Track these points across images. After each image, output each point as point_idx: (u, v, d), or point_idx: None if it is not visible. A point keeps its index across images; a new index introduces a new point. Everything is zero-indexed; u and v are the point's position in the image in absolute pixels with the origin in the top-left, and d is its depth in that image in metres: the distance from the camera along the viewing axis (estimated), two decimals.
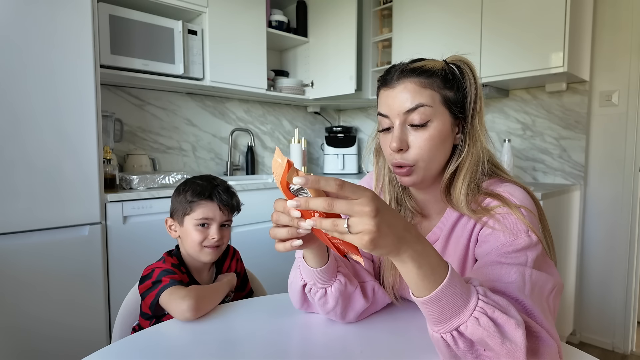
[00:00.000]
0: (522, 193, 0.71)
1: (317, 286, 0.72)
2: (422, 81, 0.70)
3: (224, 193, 1.05)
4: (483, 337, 0.51)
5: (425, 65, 0.72)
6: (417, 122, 0.70)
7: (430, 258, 0.51)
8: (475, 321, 0.51)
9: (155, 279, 0.93)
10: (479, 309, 0.51)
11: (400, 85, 0.71)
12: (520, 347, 0.50)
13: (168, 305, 0.87)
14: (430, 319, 0.53)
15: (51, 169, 1.52)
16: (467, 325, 0.51)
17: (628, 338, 2.16)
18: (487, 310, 0.51)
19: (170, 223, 1.07)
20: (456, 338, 0.52)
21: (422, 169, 0.72)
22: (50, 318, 1.53)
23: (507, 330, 0.51)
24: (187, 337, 0.76)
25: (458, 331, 0.52)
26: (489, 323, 0.50)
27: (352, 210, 0.46)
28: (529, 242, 0.64)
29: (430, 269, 0.51)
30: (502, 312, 0.51)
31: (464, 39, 2.18)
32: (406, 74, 0.71)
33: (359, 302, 0.76)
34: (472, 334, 0.51)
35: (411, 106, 0.69)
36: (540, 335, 0.55)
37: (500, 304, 0.52)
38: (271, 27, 2.62)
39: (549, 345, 0.54)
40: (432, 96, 0.70)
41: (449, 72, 0.71)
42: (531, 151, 2.36)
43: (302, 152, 2.82)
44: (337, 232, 0.47)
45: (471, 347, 0.53)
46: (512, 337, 0.51)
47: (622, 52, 2.07)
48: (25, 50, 1.46)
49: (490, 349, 0.51)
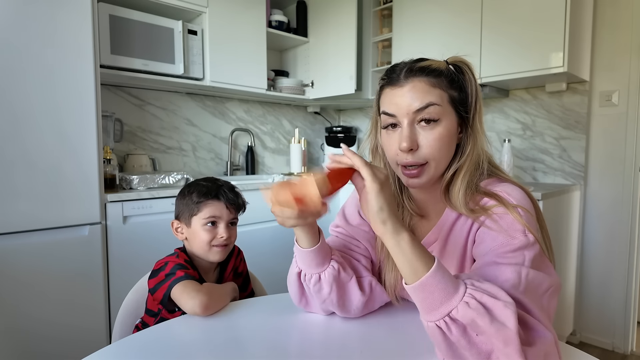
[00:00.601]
0: (519, 193, 0.71)
1: (310, 271, 0.73)
2: (432, 80, 0.70)
3: (230, 192, 1.06)
4: (473, 317, 0.53)
5: (432, 65, 0.71)
6: (427, 120, 0.69)
7: (420, 246, 0.58)
8: (465, 305, 0.53)
9: (168, 271, 0.94)
10: (467, 294, 0.54)
11: (409, 84, 0.70)
12: (509, 326, 0.52)
13: (180, 298, 0.87)
14: (423, 307, 0.56)
15: (51, 169, 1.52)
16: (458, 309, 0.53)
17: (628, 338, 2.16)
18: (476, 295, 0.54)
19: (177, 225, 1.07)
20: (449, 324, 0.54)
21: (432, 169, 0.71)
22: (51, 318, 1.53)
23: (495, 311, 0.53)
24: (187, 336, 0.76)
25: (450, 317, 0.54)
26: (478, 305, 0.53)
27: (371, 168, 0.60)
28: (525, 242, 0.64)
29: (420, 252, 0.57)
30: (490, 296, 0.54)
31: (464, 39, 2.18)
32: (415, 73, 0.70)
33: (355, 294, 0.76)
34: (463, 317, 0.53)
35: (421, 105, 0.69)
36: (536, 327, 0.55)
37: (488, 290, 0.55)
38: (271, 27, 2.62)
39: (544, 336, 0.55)
40: (441, 95, 0.70)
41: (453, 72, 0.72)
42: (531, 151, 2.36)
43: (302, 152, 2.82)
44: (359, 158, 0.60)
45: (464, 332, 0.54)
46: (499, 317, 0.53)
47: (622, 52, 2.07)
48: (25, 50, 1.46)
49: (481, 332, 0.53)
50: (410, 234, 0.59)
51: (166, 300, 0.91)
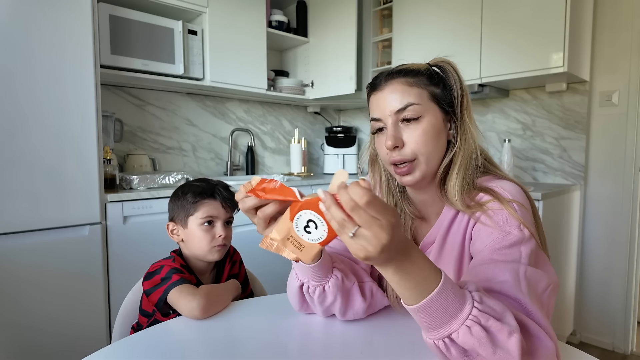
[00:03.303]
0: (515, 188, 0.71)
1: (314, 284, 0.73)
2: (409, 80, 0.73)
3: (225, 191, 1.06)
4: (475, 346, 0.50)
5: (411, 67, 0.75)
6: (409, 119, 0.72)
7: (420, 271, 0.50)
8: (467, 330, 0.50)
9: (164, 275, 0.93)
10: (472, 317, 0.50)
11: (389, 87, 0.73)
12: (513, 355, 0.50)
13: (177, 302, 0.87)
14: (422, 325, 0.54)
15: (51, 169, 1.52)
16: (459, 333, 0.50)
17: (628, 338, 2.16)
18: (481, 319, 0.50)
19: (172, 227, 1.07)
20: (448, 345, 0.52)
21: (423, 164, 0.73)
22: (51, 318, 1.53)
23: (500, 339, 0.50)
24: (187, 336, 0.76)
25: (450, 338, 0.51)
26: (481, 332, 0.50)
27: (371, 227, 0.45)
28: (521, 236, 0.64)
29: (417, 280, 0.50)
30: (496, 319, 0.51)
31: (464, 38, 2.18)
32: (393, 76, 0.74)
33: (357, 300, 0.76)
34: (464, 343, 0.50)
35: (401, 106, 0.72)
36: (539, 335, 0.54)
37: (495, 310, 0.52)
38: (271, 27, 2.62)
39: (546, 346, 0.54)
40: (419, 94, 0.72)
41: (433, 71, 0.75)
42: (531, 151, 2.36)
43: (302, 152, 2.82)
44: (340, 227, 0.47)
45: (464, 353, 0.52)
46: (504, 346, 0.50)
47: (622, 52, 2.07)
48: (25, 51, 1.46)
49: (483, 358, 0.51)
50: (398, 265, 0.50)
51: (161, 304, 0.91)
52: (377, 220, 0.45)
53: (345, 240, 0.47)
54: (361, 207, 0.45)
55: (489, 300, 0.52)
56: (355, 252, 0.47)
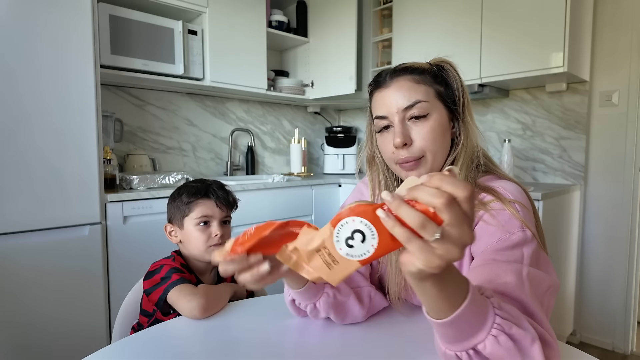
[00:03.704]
0: (516, 189, 0.72)
1: (305, 302, 0.73)
2: (415, 77, 0.73)
3: (219, 190, 1.06)
4: (503, 357, 0.47)
5: (415, 65, 0.75)
6: (417, 117, 0.72)
7: (455, 278, 0.45)
8: (494, 340, 0.47)
9: (164, 274, 0.94)
10: (496, 325, 0.47)
11: (395, 84, 0.73)
12: None
13: (177, 302, 0.87)
14: (445, 338, 0.50)
15: (51, 169, 1.52)
16: (486, 344, 0.47)
17: (628, 338, 2.16)
18: (505, 327, 0.47)
19: (170, 229, 1.07)
20: (472, 356, 0.48)
21: (429, 162, 0.73)
22: (51, 318, 1.53)
23: (525, 346, 0.48)
24: (187, 336, 0.76)
25: (475, 350, 0.48)
26: (508, 342, 0.47)
27: (461, 225, 0.37)
28: (523, 237, 0.64)
29: (453, 289, 0.45)
30: (518, 326, 0.48)
31: (464, 38, 2.18)
32: (398, 73, 0.74)
33: (354, 309, 0.75)
34: (491, 354, 0.47)
35: (408, 103, 0.71)
36: (545, 338, 0.53)
37: (513, 316, 0.49)
38: (271, 27, 2.62)
39: (554, 349, 0.54)
40: (426, 91, 0.73)
41: (436, 69, 0.75)
42: (531, 151, 2.36)
43: (302, 152, 2.82)
44: (421, 229, 0.37)
45: None
46: (529, 353, 0.48)
47: (622, 52, 2.07)
48: (25, 50, 1.46)
49: None
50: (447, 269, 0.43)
51: (162, 303, 0.91)
52: (468, 218, 0.38)
53: (416, 248, 0.38)
54: (461, 201, 0.37)
55: (505, 305, 0.50)
56: (431, 261, 0.38)
